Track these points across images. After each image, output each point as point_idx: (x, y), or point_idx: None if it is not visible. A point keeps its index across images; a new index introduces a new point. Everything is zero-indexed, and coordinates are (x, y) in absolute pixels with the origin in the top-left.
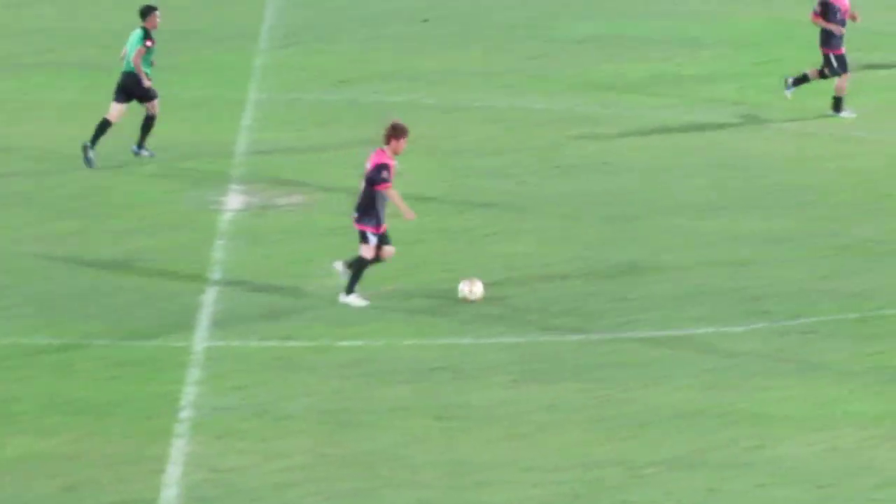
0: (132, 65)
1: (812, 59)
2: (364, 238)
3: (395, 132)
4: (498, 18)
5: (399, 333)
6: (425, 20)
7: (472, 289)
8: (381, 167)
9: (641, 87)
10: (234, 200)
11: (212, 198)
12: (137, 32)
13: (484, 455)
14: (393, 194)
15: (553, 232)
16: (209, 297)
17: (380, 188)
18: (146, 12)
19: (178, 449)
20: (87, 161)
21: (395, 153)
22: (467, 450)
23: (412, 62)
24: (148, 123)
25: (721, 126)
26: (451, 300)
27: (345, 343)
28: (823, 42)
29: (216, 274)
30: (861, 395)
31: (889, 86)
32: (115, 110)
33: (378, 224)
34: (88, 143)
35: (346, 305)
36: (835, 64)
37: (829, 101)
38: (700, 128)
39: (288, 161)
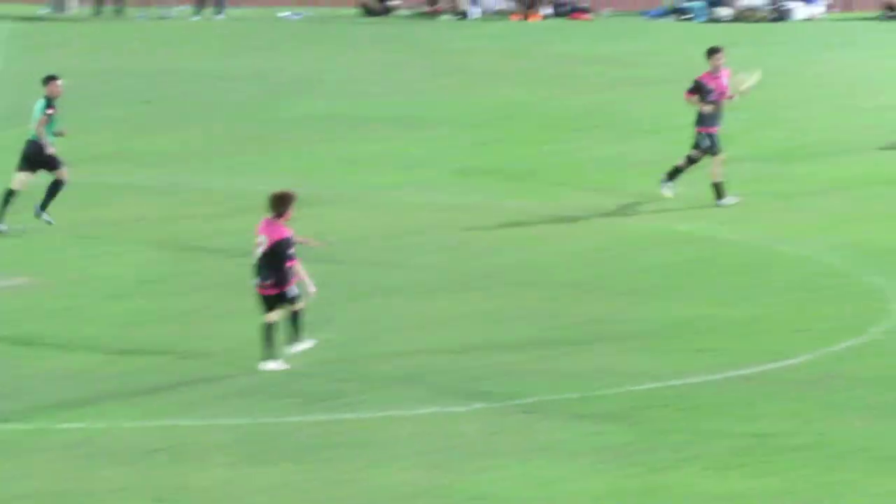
0: (35, 133)
1: (533, 138)
2: (282, 299)
3: (289, 202)
4: (219, 99)
5: (120, 415)
6: (147, 101)
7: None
8: (289, 242)
9: (365, 166)
10: None
11: None
12: (40, 101)
13: None
14: (298, 268)
15: None
16: None
17: (291, 264)
18: (47, 80)
19: None
20: None
21: (287, 221)
22: None
23: (133, 143)
24: (55, 187)
25: (442, 206)
26: (172, 381)
27: (64, 426)
28: (697, 120)
29: None
30: (581, 474)
31: (615, 167)
32: (19, 179)
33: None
34: None
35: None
36: (706, 143)
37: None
38: (421, 208)
39: (9, 243)
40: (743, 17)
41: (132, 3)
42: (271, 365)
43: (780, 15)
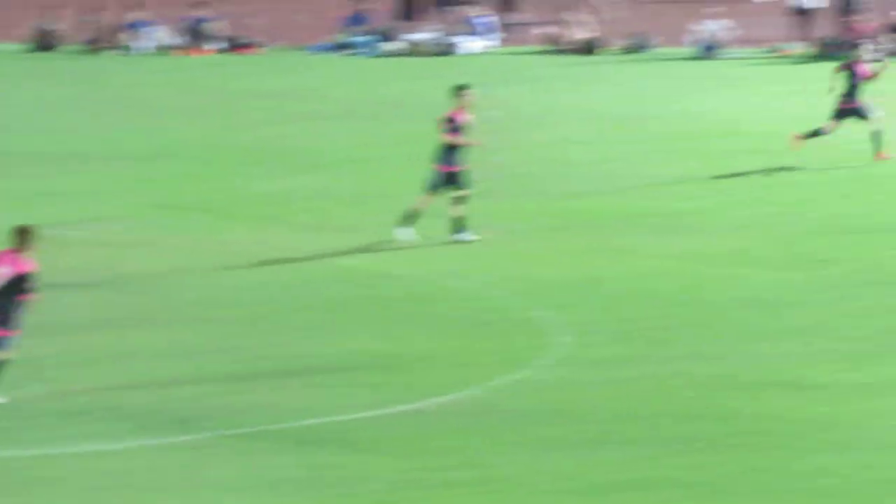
0: None
1: (200, 173)
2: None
3: (32, 236)
4: None
5: None
6: None
7: None
8: (31, 276)
9: (33, 203)
10: None
11: None
12: None
13: None
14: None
15: None
16: None
17: (25, 298)
18: None
19: None
20: None
21: (28, 254)
22: None
23: None
24: None
25: (111, 242)
26: None
27: None
28: (440, 158)
29: None
30: None
31: (281, 201)
32: None
33: (17, 328)
34: None
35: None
36: (435, 179)
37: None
38: (90, 244)
39: None
40: (410, 51)
41: None
42: None
43: (447, 49)
